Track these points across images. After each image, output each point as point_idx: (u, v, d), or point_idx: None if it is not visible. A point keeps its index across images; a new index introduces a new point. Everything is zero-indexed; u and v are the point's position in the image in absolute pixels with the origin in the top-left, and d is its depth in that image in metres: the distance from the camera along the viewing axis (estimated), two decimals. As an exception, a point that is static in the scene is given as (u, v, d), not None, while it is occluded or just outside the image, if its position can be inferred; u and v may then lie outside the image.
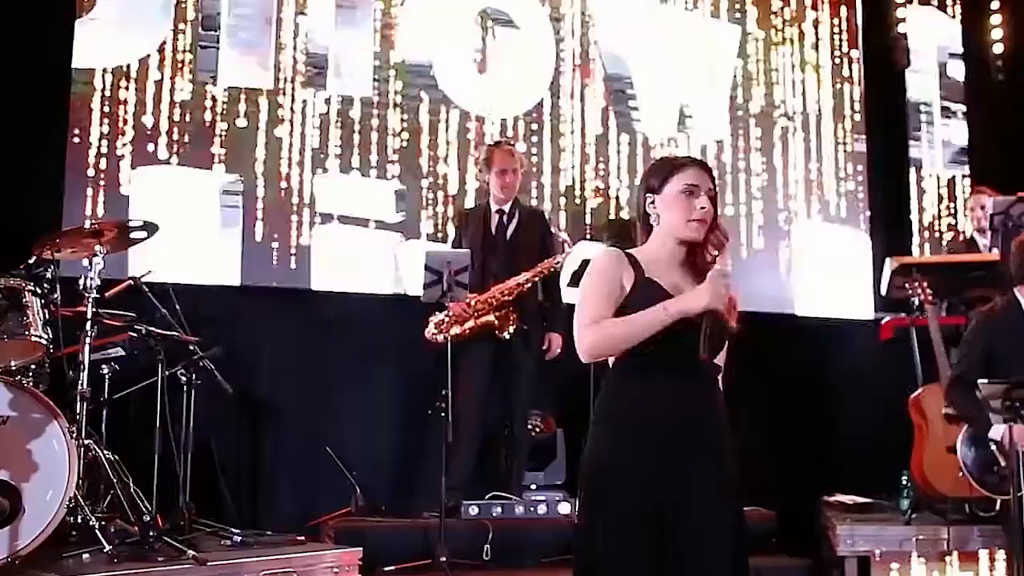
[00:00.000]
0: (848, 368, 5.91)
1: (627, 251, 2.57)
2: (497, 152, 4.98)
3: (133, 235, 3.93)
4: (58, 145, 4.94)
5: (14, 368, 3.56)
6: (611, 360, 2.55)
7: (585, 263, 3.26)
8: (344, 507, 4.67)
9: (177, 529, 3.75)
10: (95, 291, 3.73)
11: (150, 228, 3.94)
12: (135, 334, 4.09)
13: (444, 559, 4.11)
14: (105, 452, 3.87)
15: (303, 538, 3.91)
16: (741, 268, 6.07)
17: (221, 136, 5.19)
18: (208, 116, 5.18)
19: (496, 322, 4.74)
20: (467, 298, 4.68)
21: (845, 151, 6.53)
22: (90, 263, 3.72)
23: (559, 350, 4.89)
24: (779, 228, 6.30)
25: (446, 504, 4.29)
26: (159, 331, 4.03)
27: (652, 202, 2.55)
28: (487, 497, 4.57)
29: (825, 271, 6.34)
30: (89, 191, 4.93)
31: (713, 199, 2.53)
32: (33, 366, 3.67)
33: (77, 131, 4.96)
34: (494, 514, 4.48)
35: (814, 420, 5.72)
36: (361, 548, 3.63)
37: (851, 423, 5.76)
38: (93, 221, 3.83)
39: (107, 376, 4.25)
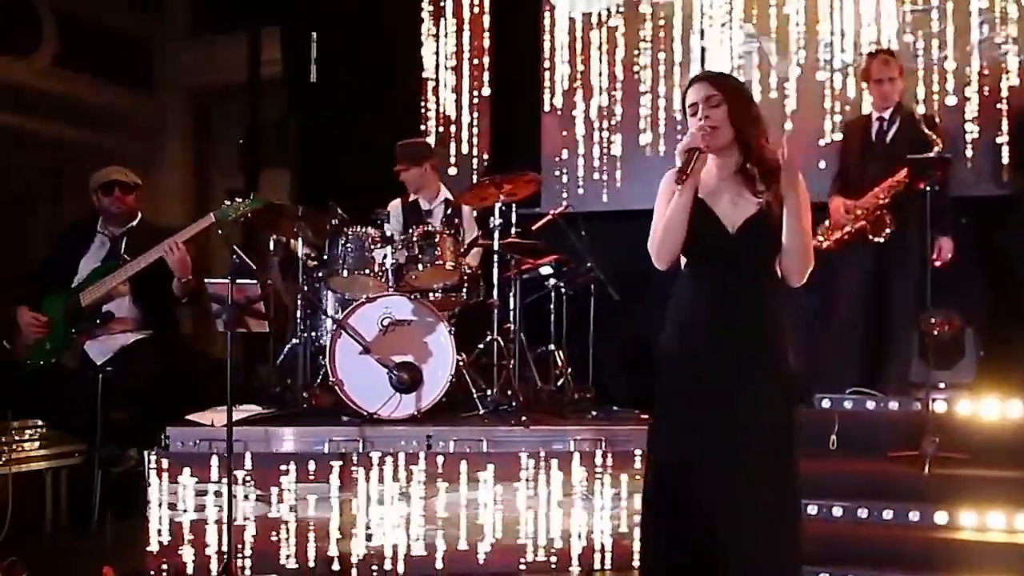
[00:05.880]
0: None
1: None
2: (874, 62, 5.07)
3: (526, 183, 5.17)
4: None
5: (448, 286, 5.07)
6: None
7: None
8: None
9: (556, 403, 4.95)
10: (498, 228, 5.09)
11: (536, 180, 5.13)
12: (553, 257, 5.39)
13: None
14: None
15: (638, 412, 4.75)
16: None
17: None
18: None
19: (868, 226, 4.90)
20: (843, 204, 4.96)
21: None
22: (492, 208, 5.08)
23: (948, 255, 4.85)
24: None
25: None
26: (552, 255, 5.27)
27: None
28: (847, 392, 4.83)
29: None
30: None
31: (728, 103, 2.76)
32: (466, 286, 5.15)
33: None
34: (845, 407, 4.75)
35: None
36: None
37: None
38: (493, 176, 5.13)
39: (549, 288, 5.64)
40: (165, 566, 4.13)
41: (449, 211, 5.56)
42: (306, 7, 6.84)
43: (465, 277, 5.02)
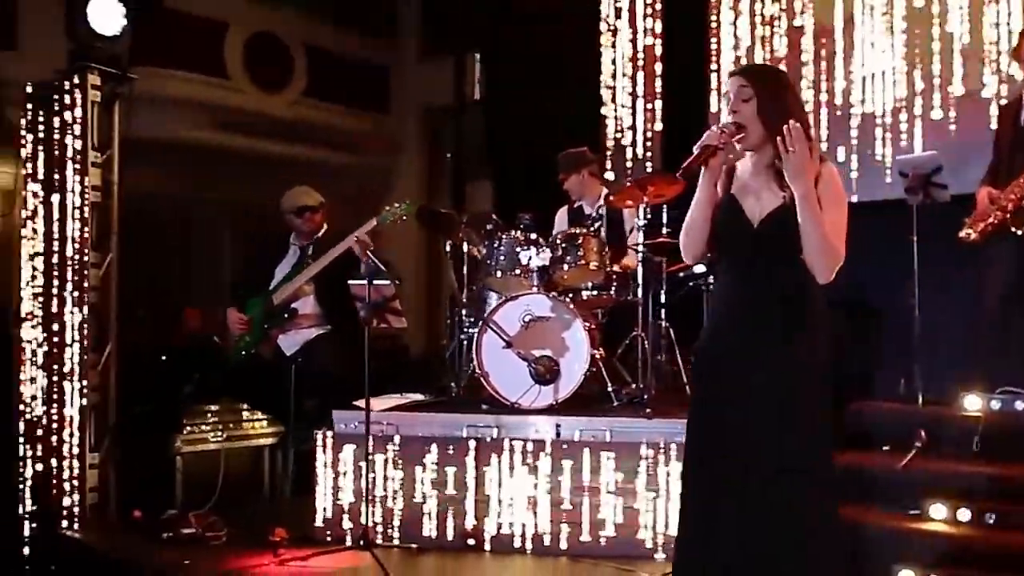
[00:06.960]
0: None
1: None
2: (1022, 42, 4.77)
3: (669, 183, 5.31)
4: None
5: (596, 285, 5.34)
6: None
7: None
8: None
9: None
10: (642, 229, 5.28)
11: (678, 180, 5.24)
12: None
13: (918, 444, 4.47)
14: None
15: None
16: None
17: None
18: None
19: (1008, 217, 4.66)
20: (989, 193, 4.75)
21: None
22: (637, 210, 5.29)
23: None
24: None
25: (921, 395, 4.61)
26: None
27: None
28: (997, 392, 4.57)
29: None
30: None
31: (758, 98, 2.81)
32: (615, 285, 5.39)
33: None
34: (992, 407, 4.50)
35: None
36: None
37: None
38: (637, 178, 5.32)
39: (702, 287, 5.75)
40: (329, 534, 4.74)
41: (605, 213, 5.80)
42: (499, 33, 7.36)
43: (614, 276, 5.27)
